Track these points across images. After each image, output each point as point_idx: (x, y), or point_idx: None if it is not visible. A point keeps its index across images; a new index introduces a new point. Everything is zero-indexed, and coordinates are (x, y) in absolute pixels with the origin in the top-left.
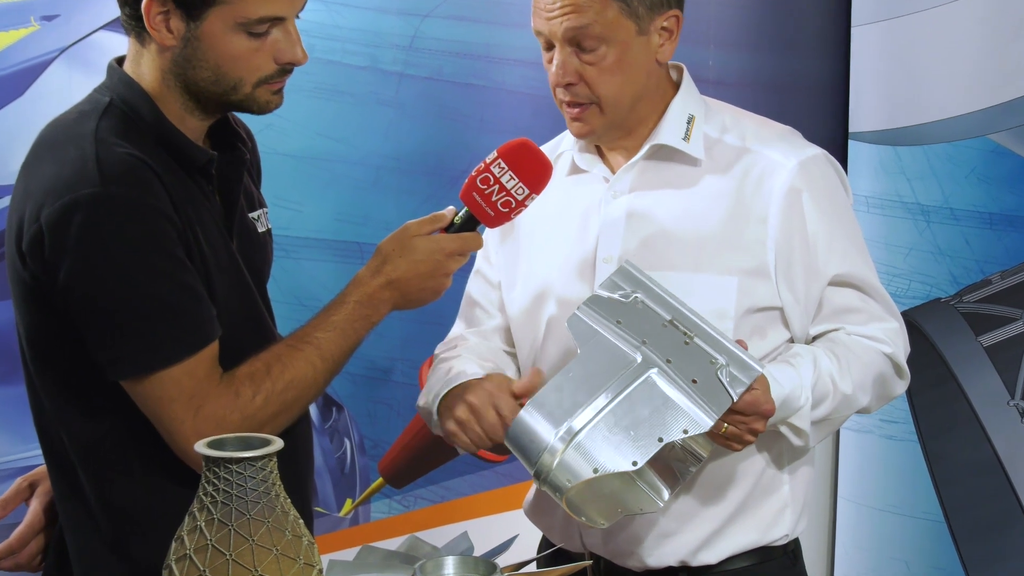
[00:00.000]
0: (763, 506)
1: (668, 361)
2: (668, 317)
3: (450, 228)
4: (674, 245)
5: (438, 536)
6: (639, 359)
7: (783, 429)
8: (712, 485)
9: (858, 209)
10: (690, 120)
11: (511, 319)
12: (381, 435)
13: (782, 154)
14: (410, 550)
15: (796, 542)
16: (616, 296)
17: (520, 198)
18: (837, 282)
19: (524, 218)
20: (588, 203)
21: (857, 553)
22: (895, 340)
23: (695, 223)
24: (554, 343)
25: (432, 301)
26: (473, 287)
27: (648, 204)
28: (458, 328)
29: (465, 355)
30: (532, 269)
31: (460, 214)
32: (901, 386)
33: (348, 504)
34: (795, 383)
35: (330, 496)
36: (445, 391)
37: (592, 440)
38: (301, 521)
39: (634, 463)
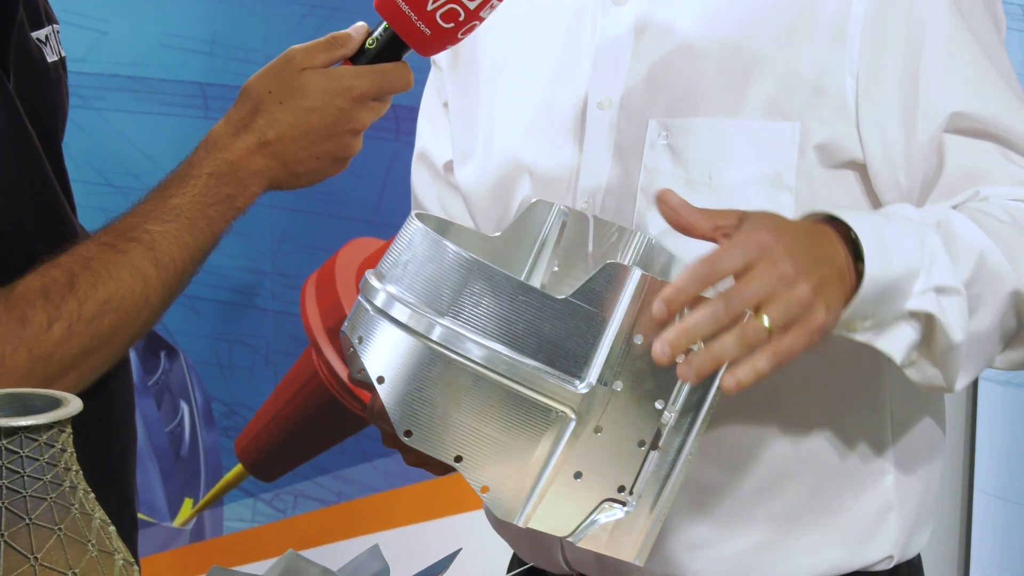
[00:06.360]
0: (849, 506)
1: (598, 430)
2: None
3: (360, 57)
4: (705, 75)
5: (333, 554)
6: (582, 392)
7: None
8: (758, 468)
9: (1013, 27)
10: None
11: (468, 204)
12: (240, 396)
13: None
14: (287, 574)
15: (914, 566)
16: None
17: (472, 6)
18: (962, 128)
19: (482, 50)
20: (575, 18)
21: (1003, 573)
22: None
23: (737, 40)
24: None
25: (331, 175)
26: (420, 182)
27: (667, 12)
28: None
29: None
30: (494, 129)
31: (375, 34)
32: None
33: (187, 506)
34: (893, 227)
35: (158, 494)
36: None
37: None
38: (113, 529)
39: (405, 432)
